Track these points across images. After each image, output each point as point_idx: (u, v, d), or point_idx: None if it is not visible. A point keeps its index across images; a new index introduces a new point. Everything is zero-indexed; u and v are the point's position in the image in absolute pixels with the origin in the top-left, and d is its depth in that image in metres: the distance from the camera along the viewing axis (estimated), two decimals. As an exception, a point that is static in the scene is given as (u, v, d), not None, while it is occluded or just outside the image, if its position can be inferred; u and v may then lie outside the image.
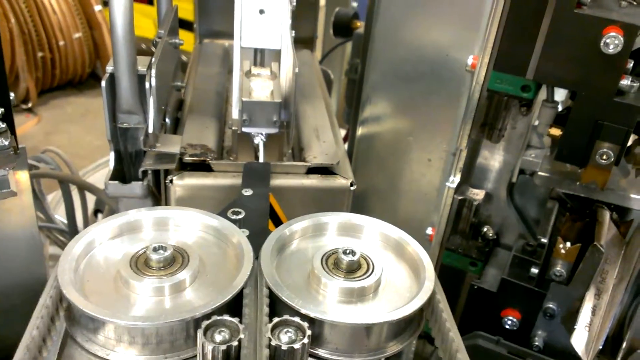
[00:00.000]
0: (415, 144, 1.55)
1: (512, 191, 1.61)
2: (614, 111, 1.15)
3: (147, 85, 1.18)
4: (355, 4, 2.71)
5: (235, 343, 0.67)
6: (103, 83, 1.20)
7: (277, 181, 1.25)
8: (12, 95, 1.25)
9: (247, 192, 1.06)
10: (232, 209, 0.95)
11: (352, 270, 0.81)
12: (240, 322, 0.70)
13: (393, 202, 1.65)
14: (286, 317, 0.71)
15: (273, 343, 0.68)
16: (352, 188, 1.27)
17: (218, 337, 0.68)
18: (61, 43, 4.40)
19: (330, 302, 0.79)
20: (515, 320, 1.45)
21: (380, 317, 0.75)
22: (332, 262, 0.82)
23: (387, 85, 1.54)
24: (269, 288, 0.77)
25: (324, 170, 1.29)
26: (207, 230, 0.89)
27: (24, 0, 4.19)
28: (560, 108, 1.37)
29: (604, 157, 1.18)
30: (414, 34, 1.44)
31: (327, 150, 1.33)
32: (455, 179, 1.36)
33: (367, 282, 0.80)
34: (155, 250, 0.78)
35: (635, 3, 1.15)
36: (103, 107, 1.23)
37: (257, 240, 0.85)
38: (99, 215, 2.47)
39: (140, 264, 0.79)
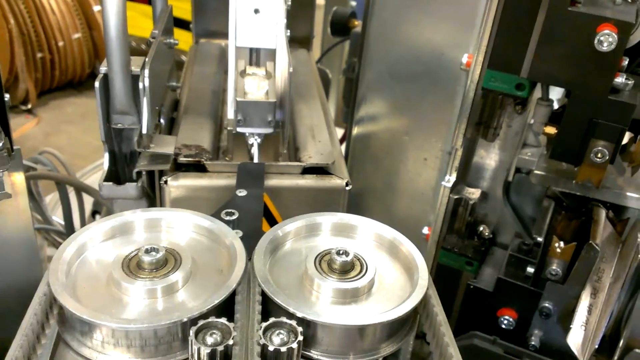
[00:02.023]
0: (411, 143, 1.55)
1: (508, 190, 1.61)
2: (609, 109, 1.14)
3: (140, 85, 1.18)
4: (353, 3, 2.70)
5: (229, 343, 0.66)
6: (97, 84, 1.20)
7: (272, 181, 1.25)
8: (7, 96, 1.24)
9: (241, 193, 1.05)
10: (225, 210, 0.95)
11: (345, 270, 0.80)
12: (233, 324, 0.69)
13: (389, 202, 1.65)
14: (280, 318, 0.71)
15: (264, 344, 0.67)
16: (347, 188, 1.27)
17: (210, 340, 0.67)
18: (60, 44, 4.40)
19: (323, 303, 0.78)
20: (511, 319, 1.45)
21: (372, 319, 0.75)
22: (326, 262, 0.82)
23: (382, 84, 1.54)
24: (261, 289, 0.76)
25: (320, 170, 1.28)
26: (200, 231, 0.88)
27: (23, 1, 4.19)
28: (556, 106, 1.36)
29: (599, 155, 1.18)
30: (409, 33, 1.44)
31: (323, 150, 1.32)
32: (451, 178, 1.35)
33: (360, 282, 0.79)
34: (147, 252, 0.78)
35: (629, 0, 1.15)
36: (97, 107, 1.23)
37: (250, 241, 0.84)
38: (97, 217, 2.47)
39: (132, 266, 0.78)
